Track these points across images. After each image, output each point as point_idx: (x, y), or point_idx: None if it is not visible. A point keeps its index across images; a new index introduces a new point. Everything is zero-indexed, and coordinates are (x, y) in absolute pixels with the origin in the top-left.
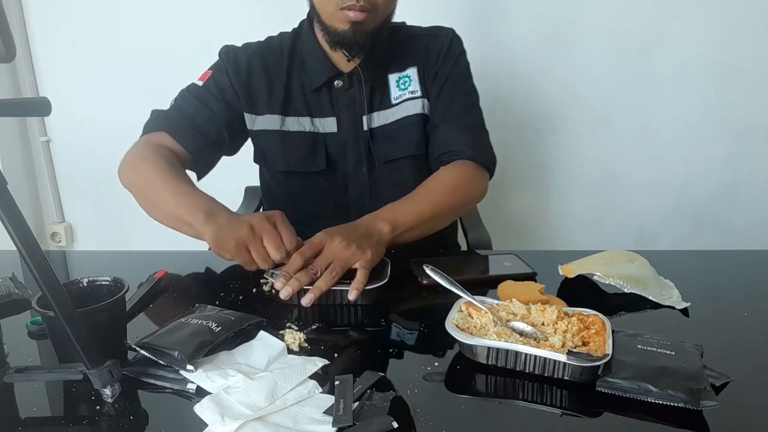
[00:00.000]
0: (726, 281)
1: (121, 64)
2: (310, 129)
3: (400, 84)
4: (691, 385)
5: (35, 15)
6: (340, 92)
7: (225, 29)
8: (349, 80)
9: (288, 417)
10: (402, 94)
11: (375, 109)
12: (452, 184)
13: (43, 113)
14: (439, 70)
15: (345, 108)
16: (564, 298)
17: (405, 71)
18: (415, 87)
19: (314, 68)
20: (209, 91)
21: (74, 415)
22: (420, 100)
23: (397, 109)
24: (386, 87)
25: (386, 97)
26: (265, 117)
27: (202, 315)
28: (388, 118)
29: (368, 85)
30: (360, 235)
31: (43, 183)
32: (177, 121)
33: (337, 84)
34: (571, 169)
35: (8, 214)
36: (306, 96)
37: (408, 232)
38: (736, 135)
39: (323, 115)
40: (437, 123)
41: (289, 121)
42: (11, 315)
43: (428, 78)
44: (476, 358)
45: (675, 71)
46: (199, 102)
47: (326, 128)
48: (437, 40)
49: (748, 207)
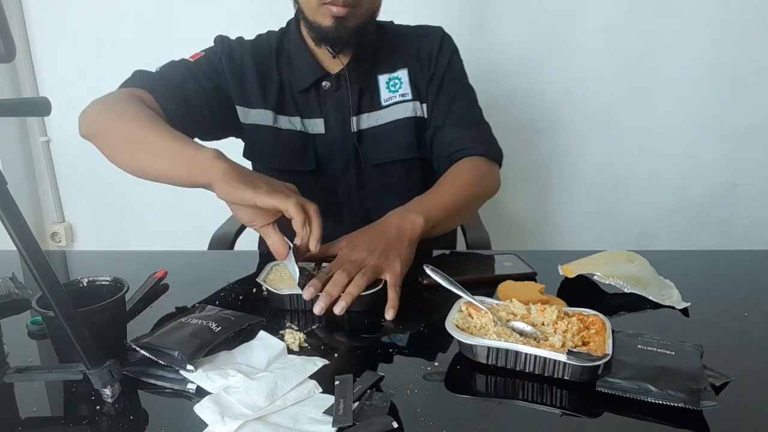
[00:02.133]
0: (726, 281)
1: (121, 64)
2: (300, 129)
3: (390, 86)
4: (691, 385)
5: (35, 15)
6: (327, 93)
7: (225, 29)
8: (337, 81)
9: (288, 417)
10: (392, 97)
11: (364, 111)
12: (472, 177)
13: (43, 113)
14: (435, 71)
15: (333, 109)
16: (564, 298)
17: (395, 72)
18: (405, 90)
19: (301, 69)
20: (200, 67)
21: (74, 415)
22: (411, 103)
23: (386, 111)
24: (376, 88)
25: (375, 99)
26: (259, 111)
27: (202, 315)
28: (377, 120)
29: (356, 87)
30: (388, 242)
31: (43, 183)
32: (162, 84)
33: (324, 85)
34: (570, 169)
35: (8, 214)
36: (294, 96)
37: (438, 225)
38: (736, 135)
39: (312, 116)
40: (440, 124)
41: (281, 119)
42: (11, 315)
43: (421, 80)
44: (476, 358)
45: (675, 71)
46: (189, 73)
47: (315, 129)
48: (427, 41)
49: (748, 207)
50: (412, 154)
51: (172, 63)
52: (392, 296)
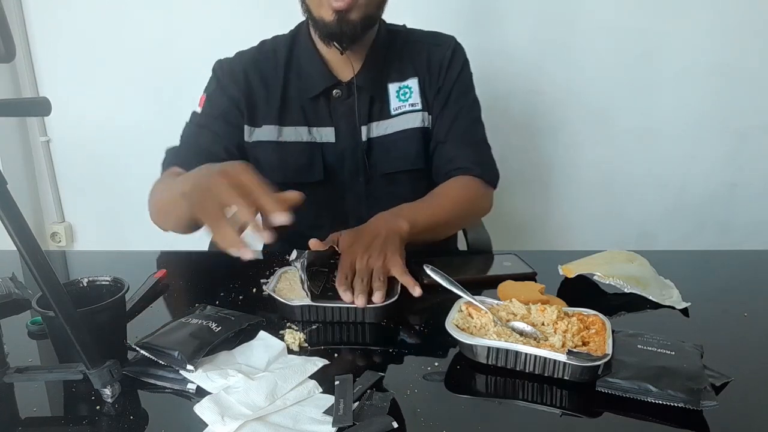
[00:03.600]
0: (726, 281)
1: (121, 64)
2: (307, 139)
3: (401, 95)
4: (691, 385)
5: (35, 15)
6: (338, 101)
7: (225, 29)
8: (348, 89)
9: (288, 417)
10: (402, 106)
11: (374, 119)
12: (463, 195)
13: (43, 113)
14: (443, 84)
15: (343, 118)
16: (564, 298)
17: (405, 81)
18: (415, 99)
19: (312, 76)
20: (208, 114)
21: (74, 415)
22: (420, 113)
23: (396, 120)
24: (386, 96)
25: (385, 107)
26: (263, 128)
27: (202, 315)
28: (387, 128)
29: (367, 95)
30: (383, 241)
31: (43, 183)
32: (185, 152)
33: (335, 93)
34: (571, 169)
35: (8, 214)
36: (303, 105)
37: (422, 233)
38: (736, 135)
39: (321, 125)
40: (442, 139)
41: (286, 131)
42: (11, 315)
43: (430, 91)
44: (476, 358)
45: (675, 71)
46: (200, 127)
47: (324, 138)
48: (439, 50)
49: (748, 207)
50: (419, 164)
51: (186, 126)
52: (407, 280)
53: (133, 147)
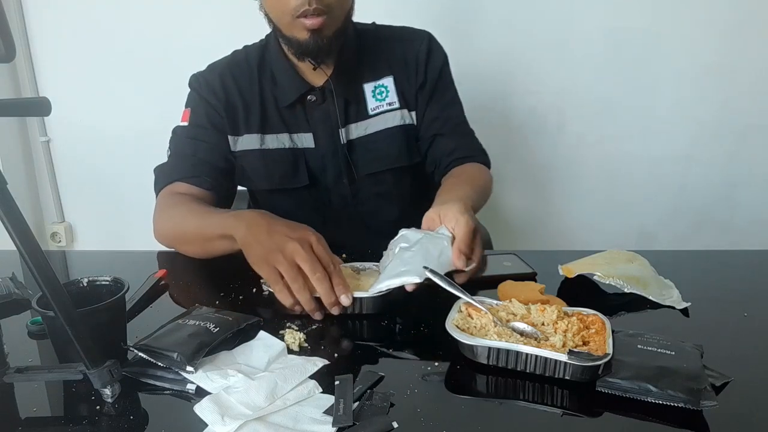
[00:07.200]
0: (726, 281)
1: (121, 64)
2: (289, 145)
3: (377, 94)
4: (691, 385)
5: (35, 15)
6: (313, 106)
7: (225, 29)
8: (322, 94)
9: (288, 417)
10: (379, 105)
11: (351, 121)
12: (484, 178)
13: (43, 113)
14: (426, 79)
15: (320, 122)
16: (564, 298)
17: (380, 80)
18: (392, 98)
19: (285, 84)
20: (197, 126)
21: (74, 415)
22: (399, 112)
23: (375, 120)
24: (362, 97)
25: (362, 108)
26: (245, 137)
27: (200, 315)
28: (366, 129)
29: (342, 98)
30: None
31: (43, 183)
32: (182, 166)
33: (310, 99)
34: (571, 169)
35: (8, 214)
36: (281, 112)
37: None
38: (736, 135)
39: (300, 131)
40: (436, 132)
41: (268, 139)
42: (11, 315)
43: (408, 87)
44: (476, 358)
45: (675, 71)
46: (193, 140)
47: (304, 143)
48: (412, 46)
49: (748, 207)
50: (403, 162)
51: (174, 140)
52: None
53: (133, 147)
